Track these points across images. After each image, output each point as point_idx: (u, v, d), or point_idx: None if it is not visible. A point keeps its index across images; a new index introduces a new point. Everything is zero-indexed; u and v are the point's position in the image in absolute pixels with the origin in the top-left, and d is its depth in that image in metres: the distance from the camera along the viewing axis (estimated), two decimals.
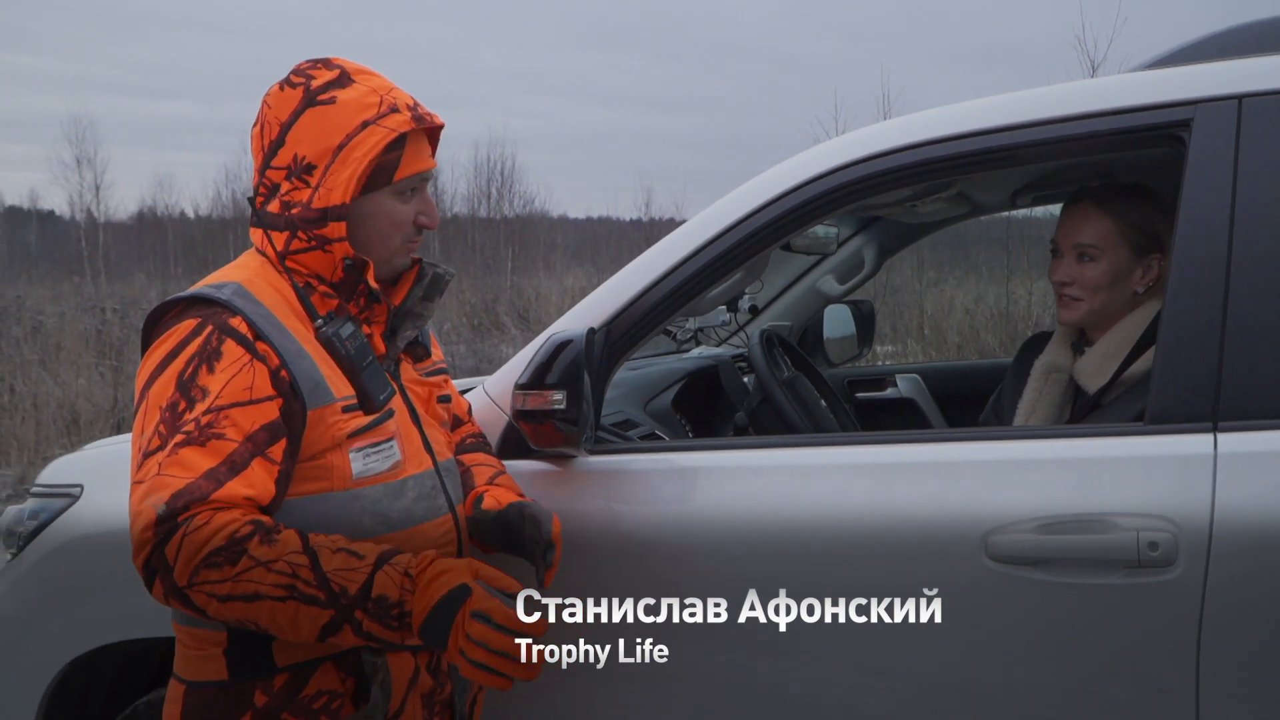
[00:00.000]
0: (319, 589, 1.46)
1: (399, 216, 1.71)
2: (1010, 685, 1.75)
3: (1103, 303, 2.16)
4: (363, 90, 1.66)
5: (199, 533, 1.45)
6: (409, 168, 1.69)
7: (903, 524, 1.79)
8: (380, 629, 1.47)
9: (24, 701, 2.32)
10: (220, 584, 1.45)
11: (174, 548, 1.44)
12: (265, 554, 1.46)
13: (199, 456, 1.48)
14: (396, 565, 1.49)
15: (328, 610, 1.46)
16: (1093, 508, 1.71)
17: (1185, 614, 1.66)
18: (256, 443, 1.53)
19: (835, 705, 1.84)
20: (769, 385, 2.55)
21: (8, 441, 8.29)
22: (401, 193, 1.70)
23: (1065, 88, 1.94)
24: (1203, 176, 1.79)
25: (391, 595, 1.47)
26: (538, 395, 1.82)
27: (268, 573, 1.45)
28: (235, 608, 1.46)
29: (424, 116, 1.70)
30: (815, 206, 2.00)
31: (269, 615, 1.46)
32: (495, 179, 32.69)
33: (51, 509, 2.40)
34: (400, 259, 1.75)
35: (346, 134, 1.63)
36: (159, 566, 1.46)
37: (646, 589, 1.91)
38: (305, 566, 1.46)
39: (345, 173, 1.63)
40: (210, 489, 1.47)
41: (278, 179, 1.67)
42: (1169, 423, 1.73)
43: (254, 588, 1.45)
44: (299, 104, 1.65)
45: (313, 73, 1.68)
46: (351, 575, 1.47)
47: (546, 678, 1.97)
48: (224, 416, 1.51)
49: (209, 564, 1.44)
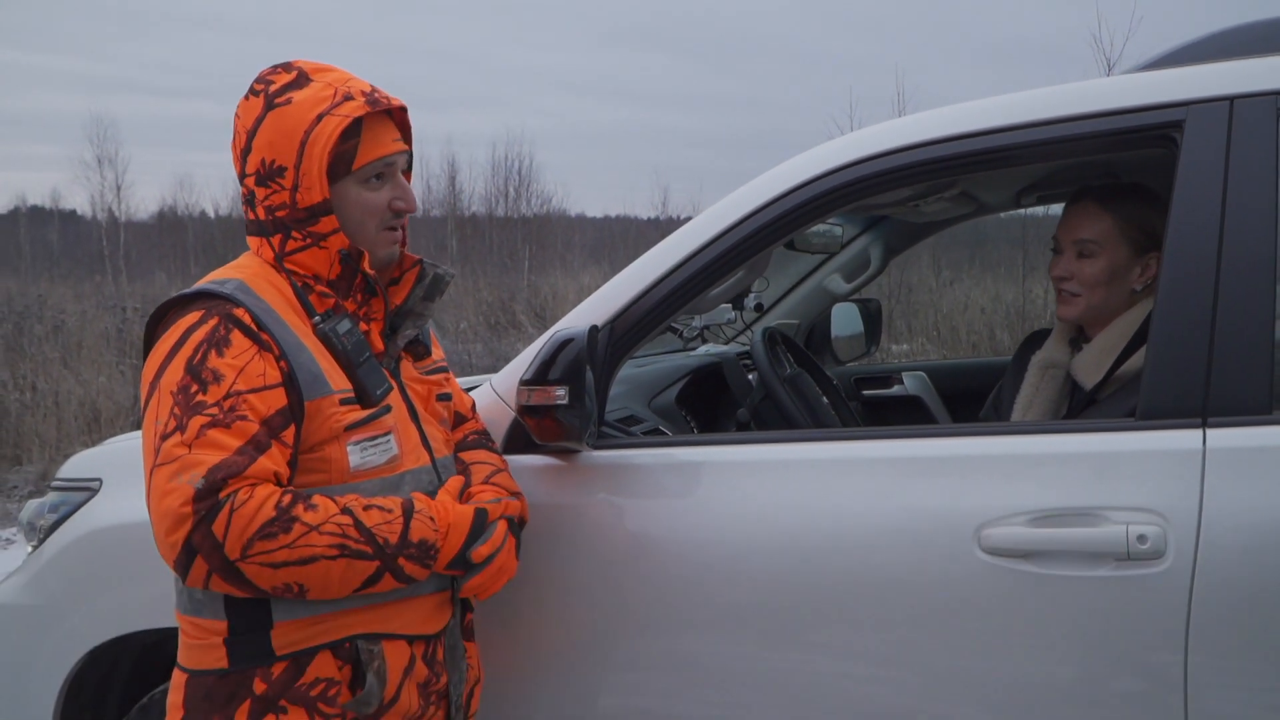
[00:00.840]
0: (367, 544, 1.60)
1: (369, 203, 1.73)
2: (1002, 676, 1.78)
3: (1101, 299, 2.19)
4: (318, 86, 1.69)
5: (246, 506, 1.51)
6: (369, 154, 1.70)
7: (897, 517, 1.83)
8: (418, 570, 1.67)
9: (45, 690, 2.38)
10: (275, 552, 1.52)
11: (222, 524, 1.50)
12: (313, 518, 1.56)
13: (227, 437, 1.54)
14: (421, 512, 1.68)
15: (374, 561, 1.61)
16: (1084, 501, 1.74)
17: (1174, 605, 1.68)
18: (272, 427, 1.59)
19: (841, 695, 1.87)
20: (771, 382, 2.58)
21: (30, 439, 8.39)
22: (366, 180, 1.72)
23: (1061, 89, 1.96)
24: (1194, 177, 1.81)
25: (430, 539, 1.67)
26: (541, 391, 1.87)
27: (320, 535, 1.56)
28: (287, 573, 1.54)
29: (379, 100, 1.71)
30: (815, 207, 2.03)
31: (321, 575, 1.56)
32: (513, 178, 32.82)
33: (72, 502, 2.46)
34: (383, 248, 1.77)
35: (305, 130, 1.66)
36: (203, 545, 1.50)
37: (649, 581, 1.96)
38: (350, 525, 1.59)
39: (314, 168, 1.66)
40: (245, 464, 1.54)
41: (252, 185, 1.71)
42: (1159, 418, 1.76)
43: (309, 551, 1.54)
44: (261, 110, 1.69)
45: (272, 78, 1.72)
46: (390, 527, 1.63)
47: (549, 664, 2.02)
48: (243, 401, 1.57)
49: (264, 535, 1.52)
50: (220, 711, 1.63)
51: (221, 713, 1.63)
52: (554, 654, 2.03)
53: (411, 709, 1.75)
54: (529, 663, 2.05)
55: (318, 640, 1.66)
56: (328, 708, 1.65)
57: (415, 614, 1.75)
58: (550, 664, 2.04)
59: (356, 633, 1.68)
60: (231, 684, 1.64)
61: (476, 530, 1.73)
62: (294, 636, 1.64)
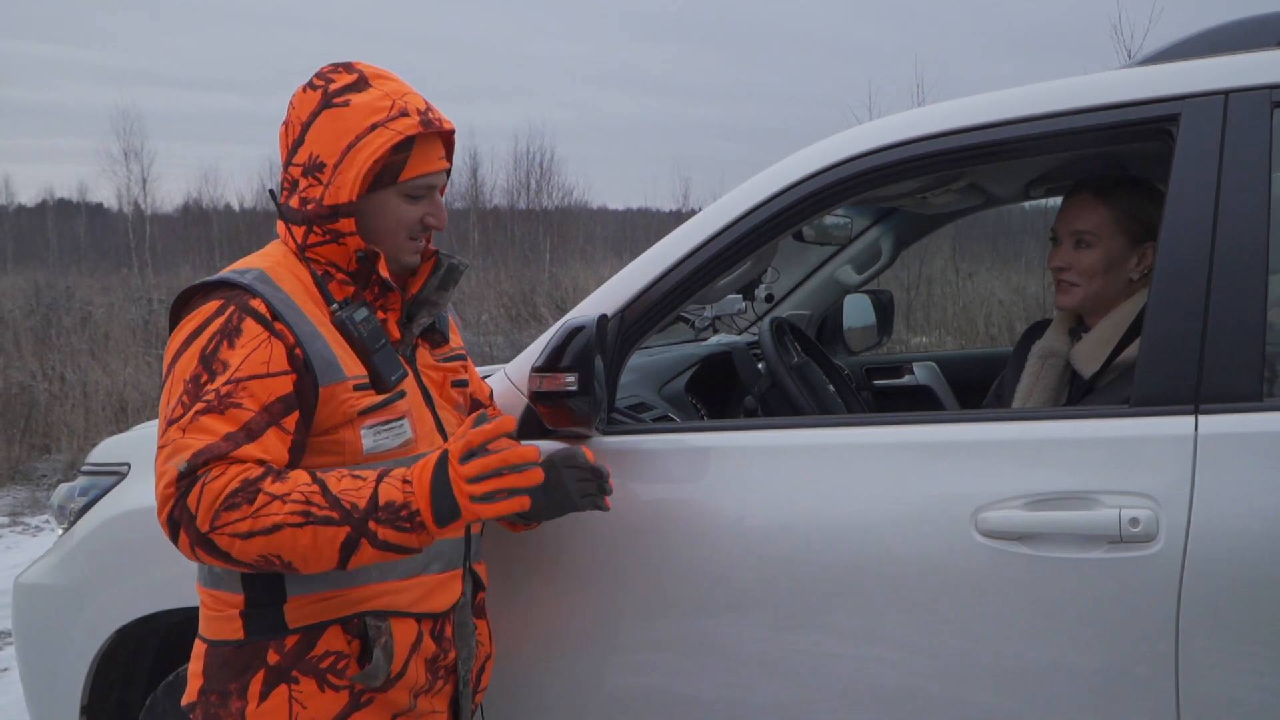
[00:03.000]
0: (332, 509, 1.56)
1: (405, 216, 1.79)
2: (1000, 657, 1.82)
3: (1098, 288, 2.22)
4: (376, 94, 1.75)
5: (215, 481, 1.56)
6: (415, 169, 1.77)
7: (898, 501, 1.87)
8: (397, 535, 1.58)
9: (75, 667, 2.46)
10: (240, 522, 1.55)
11: (194, 498, 1.56)
12: (278, 489, 1.57)
13: (218, 423, 1.60)
14: (395, 475, 1.60)
15: (343, 528, 1.56)
16: (1078, 486, 1.78)
17: (1165, 588, 1.72)
18: (272, 413, 1.64)
19: (848, 676, 1.92)
20: (778, 370, 2.63)
21: (58, 429, 8.52)
22: (408, 194, 1.79)
23: (1059, 84, 2.00)
24: (1189, 170, 1.84)
25: (397, 499, 1.58)
26: (552, 378, 1.92)
27: (283, 504, 1.55)
28: (257, 543, 1.56)
29: (433, 121, 1.77)
30: (821, 198, 2.07)
31: (290, 543, 1.56)
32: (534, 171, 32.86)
33: (101, 486, 2.53)
34: (407, 256, 1.83)
35: (356, 135, 1.72)
36: (181, 518, 1.57)
37: (657, 564, 2.01)
38: (316, 492, 1.58)
39: (351, 172, 1.72)
40: (228, 449, 1.59)
41: (296, 175, 1.77)
42: (1153, 405, 1.80)
43: (271, 520, 1.55)
44: (318, 105, 1.75)
45: (333, 76, 1.78)
46: (359, 492, 1.58)
47: (559, 644, 2.08)
48: (242, 388, 1.62)
49: (228, 506, 1.55)
50: (236, 680, 1.71)
51: (237, 681, 1.71)
52: (564, 634, 2.08)
53: (419, 683, 1.81)
54: (540, 642, 2.10)
55: (328, 615, 1.73)
56: (336, 679, 1.72)
57: (424, 592, 1.80)
58: (561, 644, 2.09)
59: (365, 609, 1.74)
60: (247, 654, 1.71)
61: (438, 484, 1.57)
62: (306, 611, 1.72)
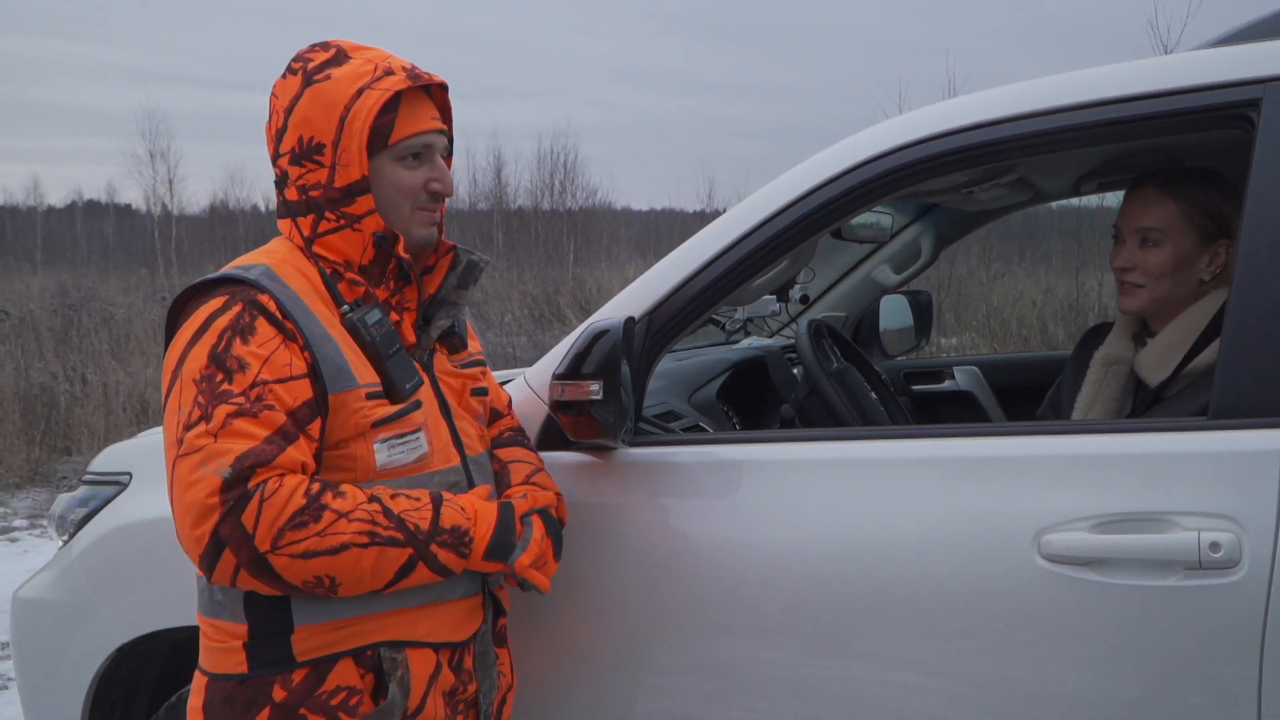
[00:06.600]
0: (397, 530, 1.56)
1: (404, 182, 1.68)
2: (1062, 690, 1.69)
3: (1166, 290, 2.08)
4: (357, 62, 1.66)
5: (277, 495, 1.47)
6: (405, 129, 1.66)
7: (950, 521, 1.74)
8: (454, 558, 1.61)
9: (75, 686, 2.36)
10: (305, 541, 1.48)
11: (252, 515, 1.46)
12: (342, 506, 1.52)
13: (254, 426, 1.50)
14: (451, 501, 1.64)
15: (406, 549, 1.56)
16: (1151, 506, 1.65)
17: (1248, 619, 1.59)
18: (299, 419, 1.54)
19: (887, 705, 1.80)
20: (816, 376, 2.50)
21: (79, 430, 8.51)
22: (402, 157, 1.68)
23: (1128, 66, 1.86)
24: (1272, 159, 1.71)
25: (462, 524, 1.63)
26: (575, 386, 1.80)
27: (349, 523, 1.52)
28: (316, 564, 1.49)
29: (420, 75, 1.67)
30: (864, 192, 1.95)
31: (353, 565, 1.51)
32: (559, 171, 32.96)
33: (101, 496, 2.44)
34: (418, 229, 1.72)
35: (345, 105, 1.62)
36: (231, 538, 1.46)
37: (687, 584, 1.88)
38: (379, 512, 1.54)
39: (354, 144, 1.62)
40: (274, 453, 1.49)
41: (285, 166, 1.66)
42: (1234, 417, 1.66)
43: (339, 539, 1.50)
44: (299, 87, 1.65)
45: (310, 55, 1.68)
46: (419, 514, 1.59)
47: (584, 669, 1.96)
48: (269, 391, 1.52)
49: (294, 525, 1.47)
50: (240, 717, 1.59)
51: (241, 719, 1.58)
52: (589, 658, 1.97)
53: (437, 719, 1.68)
54: (563, 668, 1.99)
55: (339, 647, 1.60)
56: (349, 717, 1.60)
57: (442, 620, 1.68)
58: (585, 669, 1.98)
59: (380, 639, 1.62)
60: (251, 690, 1.59)
61: (504, 523, 1.67)
62: (315, 642, 1.59)
